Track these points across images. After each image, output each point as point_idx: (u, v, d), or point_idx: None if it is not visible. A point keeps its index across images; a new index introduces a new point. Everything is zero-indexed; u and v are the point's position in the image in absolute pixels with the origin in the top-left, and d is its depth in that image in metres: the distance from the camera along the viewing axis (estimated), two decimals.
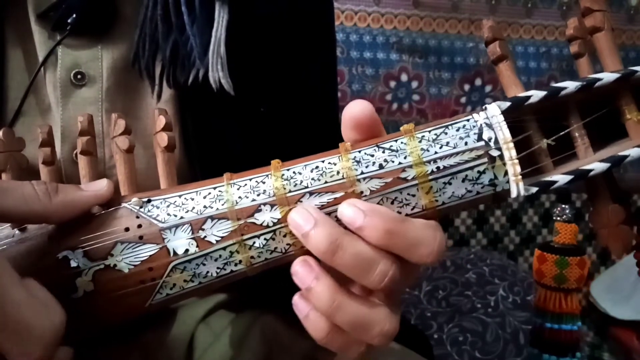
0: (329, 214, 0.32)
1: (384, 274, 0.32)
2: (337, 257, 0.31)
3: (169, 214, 0.33)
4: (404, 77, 1.49)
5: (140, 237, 0.33)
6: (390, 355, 0.56)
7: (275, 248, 0.33)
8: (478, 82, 1.54)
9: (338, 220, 0.32)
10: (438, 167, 0.31)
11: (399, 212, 0.32)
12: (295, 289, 0.33)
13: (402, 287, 0.36)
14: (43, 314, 0.28)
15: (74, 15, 0.50)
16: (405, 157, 0.32)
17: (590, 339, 1.50)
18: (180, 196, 0.33)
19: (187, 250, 0.33)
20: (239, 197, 0.33)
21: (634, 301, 1.45)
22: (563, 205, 0.53)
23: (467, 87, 1.54)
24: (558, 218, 0.54)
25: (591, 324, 1.54)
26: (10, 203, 0.31)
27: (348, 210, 0.32)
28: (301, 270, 0.32)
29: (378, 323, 0.33)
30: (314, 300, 0.32)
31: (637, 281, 1.44)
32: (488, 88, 1.55)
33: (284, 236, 0.32)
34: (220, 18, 0.51)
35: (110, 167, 0.51)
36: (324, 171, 0.32)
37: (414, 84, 1.50)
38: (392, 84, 1.49)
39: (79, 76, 0.51)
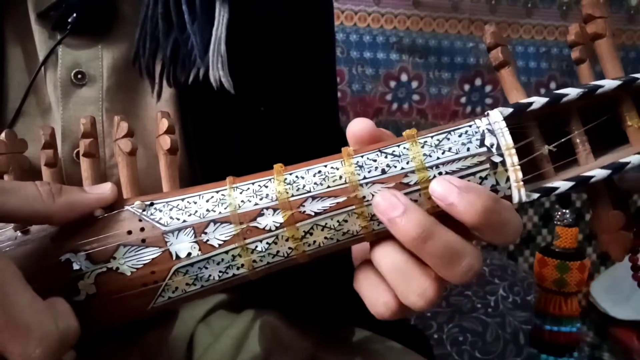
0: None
1: (470, 268, 0.31)
2: (427, 245, 0.30)
3: (171, 218, 0.33)
4: (404, 77, 1.49)
5: (143, 241, 0.33)
6: (390, 355, 0.56)
7: (278, 252, 0.33)
8: (478, 82, 1.54)
9: None
10: (440, 173, 0.31)
11: None
12: (295, 289, 0.33)
13: None
14: (47, 317, 0.28)
15: (74, 15, 0.50)
16: (407, 163, 0.32)
17: (590, 339, 1.50)
18: (183, 199, 0.33)
19: (189, 253, 0.33)
20: (242, 201, 0.33)
21: (634, 301, 1.46)
22: (564, 210, 0.53)
23: (467, 87, 1.54)
24: (559, 222, 0.54)
25: (591, 324, 1.54)
26: (13, 203, 0.31)
27: (440, 186, 0.31)
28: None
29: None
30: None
31: None
32: (488, 88, 1.55)
33: (286, 240, 0.32)
34: (221, 17, 0.51)
35: (110, 167, 0.51)
36: (326, 176, 0.32)
37: (414, 84, 1.50)
38: (392, 84, 1.49)
39: (79, 76, 0.51)
